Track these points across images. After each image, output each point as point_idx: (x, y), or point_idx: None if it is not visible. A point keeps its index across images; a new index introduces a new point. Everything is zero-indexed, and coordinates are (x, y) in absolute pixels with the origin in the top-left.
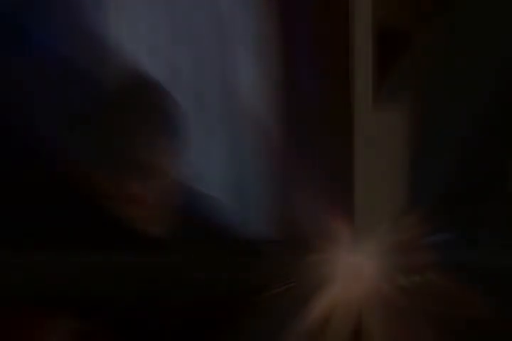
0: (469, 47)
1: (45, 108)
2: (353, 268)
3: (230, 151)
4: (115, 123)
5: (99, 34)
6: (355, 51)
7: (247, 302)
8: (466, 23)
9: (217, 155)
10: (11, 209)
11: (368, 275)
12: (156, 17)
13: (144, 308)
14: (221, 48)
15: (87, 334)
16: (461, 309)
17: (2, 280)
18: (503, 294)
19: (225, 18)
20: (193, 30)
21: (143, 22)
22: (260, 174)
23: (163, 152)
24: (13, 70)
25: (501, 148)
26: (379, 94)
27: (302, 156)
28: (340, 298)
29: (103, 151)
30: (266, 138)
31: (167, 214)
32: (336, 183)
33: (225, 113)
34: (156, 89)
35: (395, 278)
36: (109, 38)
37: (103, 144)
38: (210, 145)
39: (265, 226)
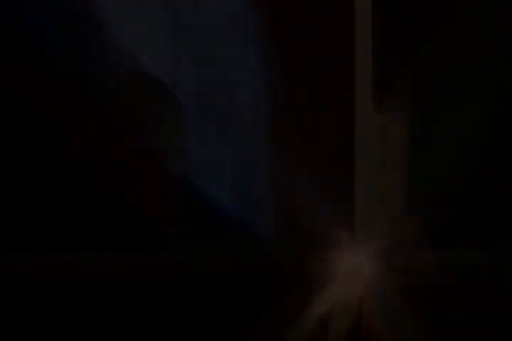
0: (469, 47)
1: (48, 107)
2: (353, 268)
3: (230, 151)
4: (115, 122)
5: (100, 34)
6: (356, 51)
7: (248, 302)
8: (467, 23)
9: (218, 155)
10: (14, 209)
11: (368, 275)
12: (157, 16)
13: (145, 308)
14: (222, 48)
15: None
16: (460, 308)
17: (2, 280)
18: (503, 293)
19: (226, 17)
20: (194, 30)
21: (144, 21)
22: (261, 174)
23: (164, 152)
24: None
25: (501, 148)
26: (379, 94)
27: (303, 156)
28: (340, 298)
29: (106, 151)
30: (266, 138)
31: (168, 214)
32: (336, 183)
33: (226, 113)
34: (157, 89)
35: (394, 278)
36: (111, 37)
37: (104, 144)
38: (211, 145)
39: (265, 226)
